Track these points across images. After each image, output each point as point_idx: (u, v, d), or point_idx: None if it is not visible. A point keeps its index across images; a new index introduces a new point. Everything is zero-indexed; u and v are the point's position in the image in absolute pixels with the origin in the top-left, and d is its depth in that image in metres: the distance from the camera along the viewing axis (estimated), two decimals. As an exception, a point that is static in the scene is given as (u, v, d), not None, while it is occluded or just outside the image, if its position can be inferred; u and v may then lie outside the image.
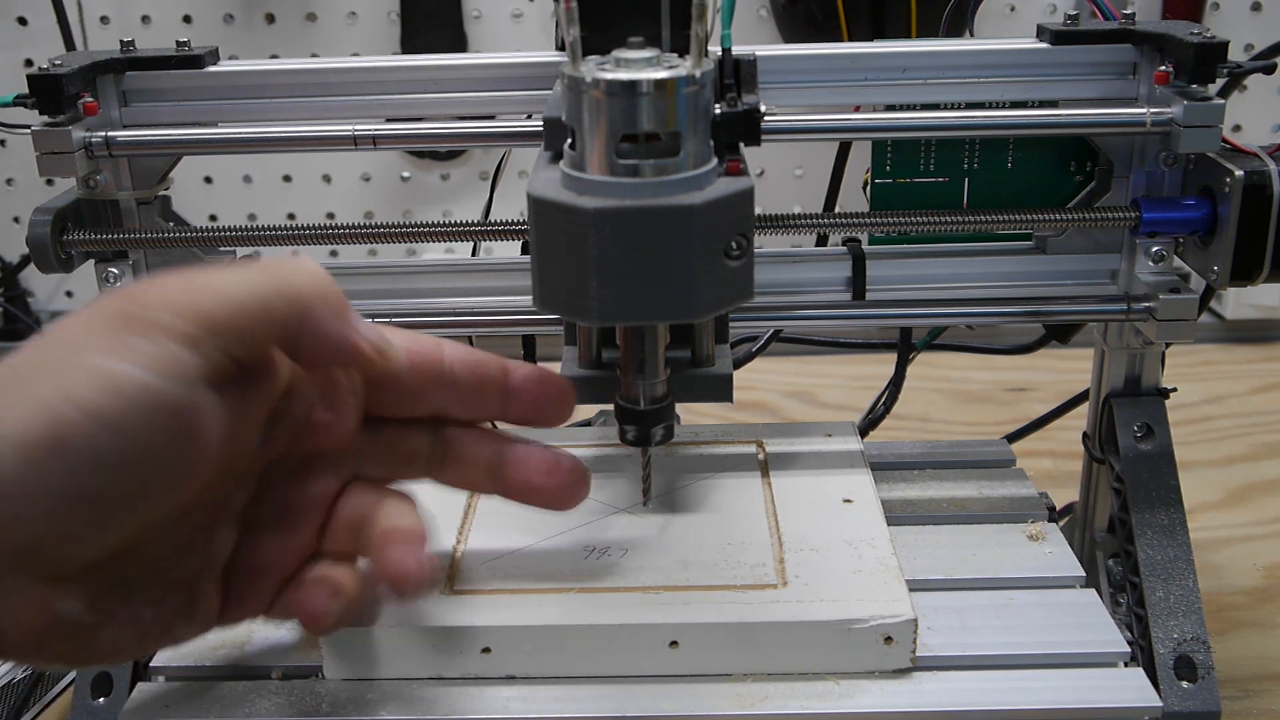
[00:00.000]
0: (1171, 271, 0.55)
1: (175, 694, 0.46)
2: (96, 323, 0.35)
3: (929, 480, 0.59)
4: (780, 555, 0.49)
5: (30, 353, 0.36)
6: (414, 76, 0.54)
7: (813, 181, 1.08)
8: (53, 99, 0.51)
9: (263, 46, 1.05)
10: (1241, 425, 0.90)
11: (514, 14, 1.05)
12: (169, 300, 0.36)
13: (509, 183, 0.94)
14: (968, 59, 0.54)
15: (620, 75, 0.39)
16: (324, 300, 0.39)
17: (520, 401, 0.45)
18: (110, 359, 0.34)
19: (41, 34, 1.03)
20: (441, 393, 0.44)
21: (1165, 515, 0.54)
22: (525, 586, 0.48)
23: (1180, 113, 0.50)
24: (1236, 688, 0.59)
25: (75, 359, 0.34)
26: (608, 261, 0.39)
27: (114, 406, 0.34)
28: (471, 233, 0.55)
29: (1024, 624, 0.49)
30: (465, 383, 0.44)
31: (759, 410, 0.95)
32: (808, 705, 0.44)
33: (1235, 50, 0.52)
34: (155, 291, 0.36)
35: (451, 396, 0.44)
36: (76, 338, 0.35)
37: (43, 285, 1.12)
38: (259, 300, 0.37)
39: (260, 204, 1.11)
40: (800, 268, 0.57)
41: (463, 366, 0.44)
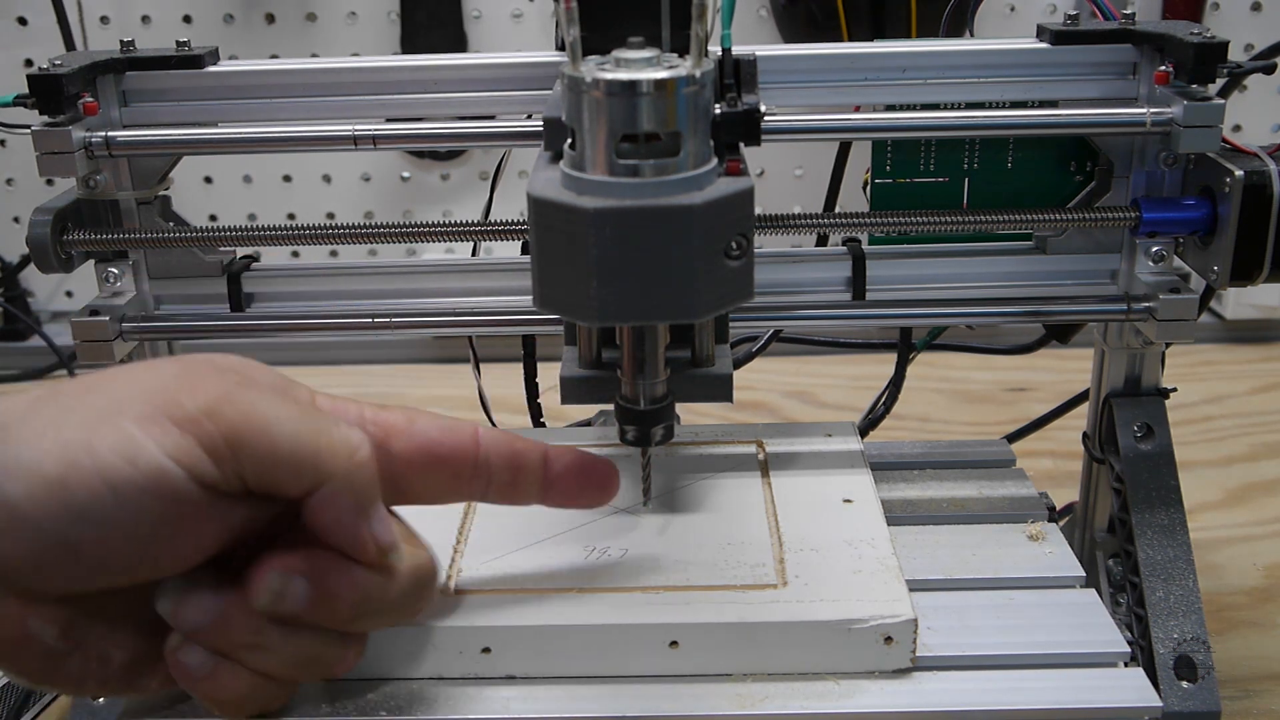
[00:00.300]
0: (1171, 271, 0.55)
1: (175, 694, 0.46)
2: (151, 390, 0.36)
3: (929, 480, 0.59)
4: (780, 555, 0.49)
5: (90, 382, 0.37)
6: (414, 76, 0.54)
7: (813, 181, 1.08)
8: (53, 99, 0.51)
9: (263, 46, 1.05)
10: (1241, 425, 0.90)
11: (514, 14, 1.05)
12: (216, 411, 0.36)
13: (509, 183, 0.94)
14: (968, 59, 0.54)
15: (620, 75, 0.39)
16: (351, 488, 0.38)
17: (559, 492, 0.45)
18: (142, 431, 0.35)
19: (41, 34, 1.03)
20: (474, 485, 0.43)
21: (1165, 515, 0.54)
22: (525, 586, 0.48)
23: (1180, 113, 0.50)
24: (1236, 688, 0.59)
25: (114, 417, 0.36)
26: (608, 261, 0.39)
27: (124, 473, 0.35)
28: (471, 233, 0.55)
29: (1024, 624, 0.49)
30: (501, 475, 0.44)
31: (759, 410, 0.95)
32: (808, 705, 0.44)
33: (1235, 50, 0.52)
34: (209, 391, 0.37)
35: (485, 489, 0.44)
36: (130, 394, 0.36)
37: (43, 285, 1.12)
38: (294, 458, 0.37)
39: (260, 204, 1.11)
40: (800, 268, 0.57)
41: (499, 459, 0.43)
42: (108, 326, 0.54)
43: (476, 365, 0.63)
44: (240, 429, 0.36)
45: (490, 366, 0.64)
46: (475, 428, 0.43)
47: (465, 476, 0.43)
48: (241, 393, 0.37)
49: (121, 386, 0.37)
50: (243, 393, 0.37)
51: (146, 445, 0.35)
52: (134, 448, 0.35)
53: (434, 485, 0.43)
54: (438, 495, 0.43)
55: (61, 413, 0.36)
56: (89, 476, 0.34)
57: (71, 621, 0.37)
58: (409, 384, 0.97)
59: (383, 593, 0.40)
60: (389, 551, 0.40)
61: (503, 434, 0.44)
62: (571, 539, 0.50)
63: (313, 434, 0.38)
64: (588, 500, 0.46)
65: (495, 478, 0.43)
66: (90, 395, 0.36)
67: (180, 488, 0.36)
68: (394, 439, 0.42)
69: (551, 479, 0.45)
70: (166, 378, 0.37)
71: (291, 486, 0.38)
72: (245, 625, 0.39)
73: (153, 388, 0.37)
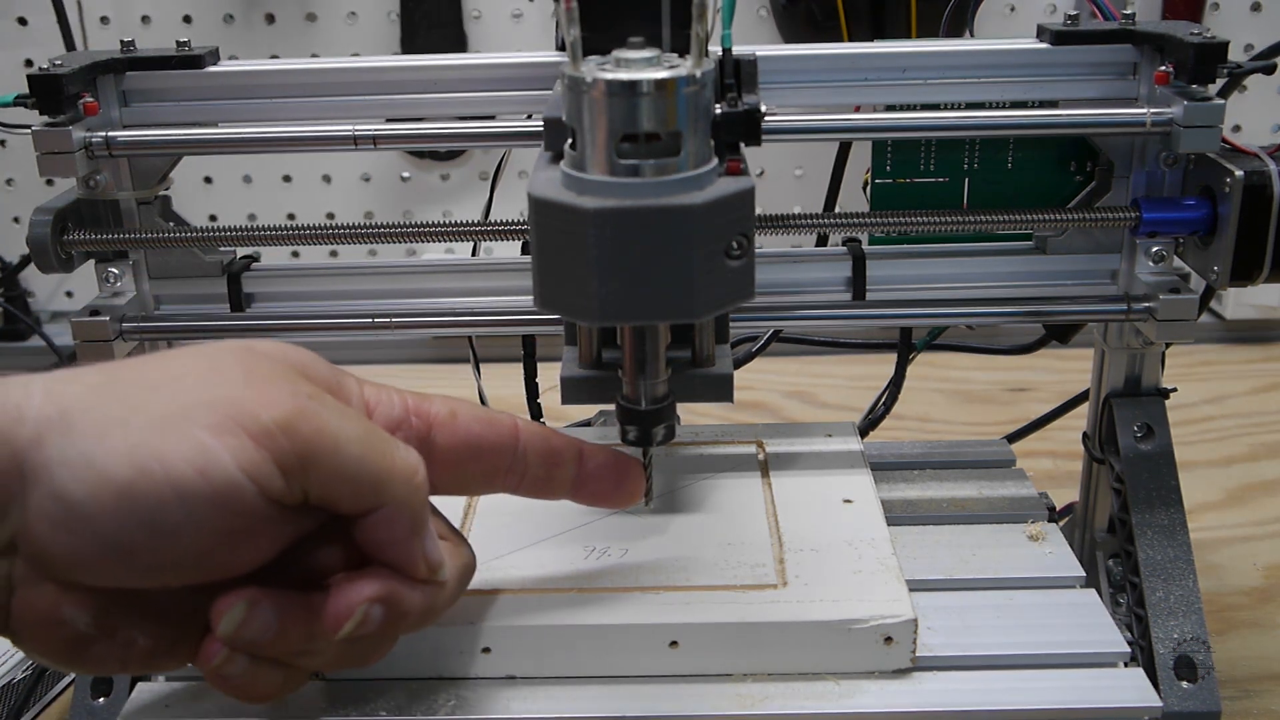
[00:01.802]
0: (1171, 271, 0.55)
1: (175, 694, 0.46)
2: (223, 398, 0.36)
3: (929, 480, 0.59)
4: (780, 555, 0.49)
5: (150, 375, 0.37)
6: (414, 76, 0.54)
7: (813, 181, 1.08)
8: (53, 99, 0.51)
9: (263, 46, 1.05)
10: (1241, 425, 0.90)
11: (514, 14, 1.05)
12: (291, 426, 0.36)
13: (509, 183, 0.94)
14: (968, 59, 0.54)
15: (620, 75, 0.39)
16: (409, 510, 0.39)
17: (590, 490, 0.46)
18: (215, 441, 0.35)
19: (41, 34, 1.03)
20: (510, 478, 0.44)
21: (1165, 515, 0.54)
22: (525, 586, 0.48)
23: (1180, 113, 0.50)
24: (1236, 688, 0.59)
25: (185, 424, 0.35)
26: (608, 261, 0.39)
27: (195, 485, 0.34)
28: (471, 233, 0.55)
29: (1024, 624, 0.49)
30: (536, 470, 0.44)
31: (759, 410, 0.95)
32: (808, 705, 0.44)
33: (1235, 50, 0.52)
34: (283, 404, 0.36)
35: (519, 482, 0.44)
36: (201, 399, 0.36)
37: (43, 285, 1.12)
38: (360, 479, 0.37)
39: (260, 204, 1.11)
40: (800, 268, 0.57)
41: (536, 455, 0.44)
42: (108, 326, 0.54)
43: (476, 365, 0.63)
44: (314, 446, 0.36)
45: (490, 366, 0.64)
46: (515, 421, 0.43)
47: (502, 470, 0.43)
48: (314, 407, 0.37)
49: (190, 388, 0.36)
50: (315, 407, 0.37)
51: (221, 457, 0.35)
52: (208, 459, 0.34)
53: (471, 477, 0.43)
54: (473, 487, 0.44)
55: (128, 410, 0.35)
56: (159, 485, 0.34)
57: (106, 610, 0.37)
58: (409, 384, 0.97)
59: (435, 604, 0.41)
60: (438, 569, 0.40)
61: (540, 429, 0.44)
62: (571, 539, 0.50)
63: (378, 456, 0.38)
64: (618, 499, 0.46)
65: (530, 473, 0.44)
66: (158, 394, 0.36)
67: (249, 501, 0.35)
68: (437, 432, 0.42)
69: (585, 476, 0.45)
70: (236, 382, 0.37)
71: (352, 505, 0.38)
72: (301, 638, 0.39)
73: (224, 395, 0.36)
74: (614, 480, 0.46)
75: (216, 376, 0.37)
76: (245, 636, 0.38)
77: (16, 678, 0.61)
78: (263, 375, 0.37)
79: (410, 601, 0.40)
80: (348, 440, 0.37)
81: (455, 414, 0.42)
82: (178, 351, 0.39)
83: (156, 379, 0.37)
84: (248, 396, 0.36)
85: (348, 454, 0.37)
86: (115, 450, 0.34)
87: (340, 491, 0.37)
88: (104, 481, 0.34)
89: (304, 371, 0.39)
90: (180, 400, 0.36)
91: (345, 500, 0.38)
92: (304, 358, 0.40)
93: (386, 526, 0.39)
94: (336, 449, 0.37)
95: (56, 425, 0.34)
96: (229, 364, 0.38)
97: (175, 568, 0.36)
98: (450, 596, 0.42)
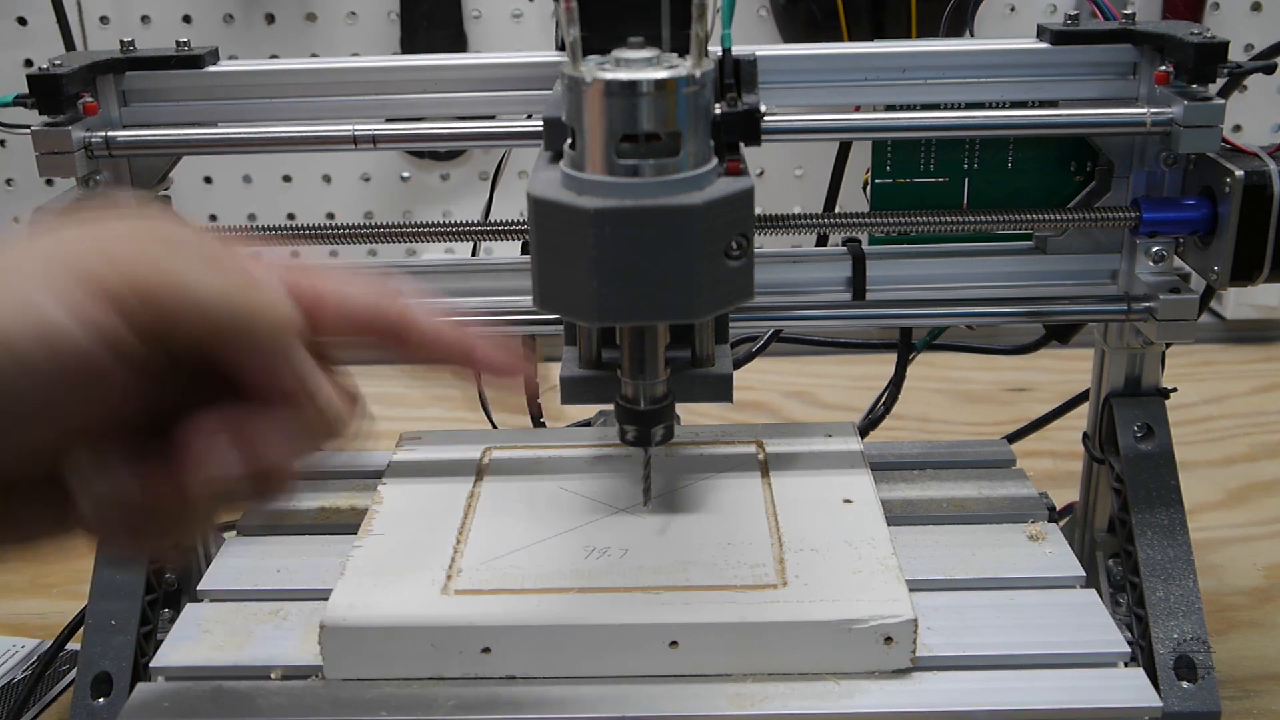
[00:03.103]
0: (1171, 271, 0.55)
1: (175, 694, 0.46)
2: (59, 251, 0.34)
3: (929, 480, 0.59)
4: (780, 555, 0.49)
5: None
6: (414, 76, 0.54)
7: (813, 181, 1.08)
8: (53, 99, 0.51)
9: (263, 46, 1.05)
10: (1241, 425, 0.90)
11: (514, 14, 1.05)
12: (138, 279, 0.34)
13: (509, 183, 0.94)
14: (968, 59, 0.54)
15: (620, 75, 0.39)
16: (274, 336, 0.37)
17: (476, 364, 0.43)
18: (55, 305, 0.33)
19: (41, 34, 1.03)
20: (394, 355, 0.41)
21: (1165, 515, 0.54)
22: (525, 586, 0.48)
23: (1180, 113, 0.50)
24: (1236, 688, 0.59)
25: (22, 285, 0.33)
26: (608, 261, 0.39)
27: (35, 352, 0.33)
28: (471, 233, 0.55)
29: (1024, 624, 0.49)
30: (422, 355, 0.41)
31: (759, 410, 0.95)
32: (808, 705, 0.44)
33: (1235, 50, 0.52)
34: (129, 256, 0.34)
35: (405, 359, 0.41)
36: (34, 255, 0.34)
37: (43, 285, 1.12)
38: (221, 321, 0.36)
39: (260, 204, 1.11)
40: (800, 268, 0.57)
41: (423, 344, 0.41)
42: (108, 326, 0.54)
43: (476, 365, 0.63)
44: (168, 298, 0.34)
45: (490, 366, 0.64)
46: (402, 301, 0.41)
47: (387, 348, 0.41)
48: (156, 254, 0.35)
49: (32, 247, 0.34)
50: (157, 254, 0.35)
51: (61, 322, 0.33)
52: (46, 327, 0.33)
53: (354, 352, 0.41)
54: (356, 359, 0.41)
55: None
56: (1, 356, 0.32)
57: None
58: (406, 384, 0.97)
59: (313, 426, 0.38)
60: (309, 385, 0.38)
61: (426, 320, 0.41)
62: (571, 539, 0.50)
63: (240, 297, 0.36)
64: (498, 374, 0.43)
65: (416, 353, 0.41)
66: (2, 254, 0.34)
67: (95, 360, 0.33)
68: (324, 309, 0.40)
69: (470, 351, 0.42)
70: (80, 242, 0.35)
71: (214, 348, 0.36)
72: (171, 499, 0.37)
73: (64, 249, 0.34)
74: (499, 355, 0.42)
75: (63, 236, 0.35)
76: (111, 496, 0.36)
77: (16, 678, 0.61)
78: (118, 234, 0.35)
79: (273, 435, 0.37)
80: (200, 283, 0.35)
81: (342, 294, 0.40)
82: None
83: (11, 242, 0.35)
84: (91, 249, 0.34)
85: (206, 299, 0.35)
86: None
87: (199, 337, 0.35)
88: None
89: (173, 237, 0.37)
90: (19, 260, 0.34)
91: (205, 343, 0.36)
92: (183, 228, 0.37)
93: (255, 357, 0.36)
94: (192, 295, 0.35)
95: None
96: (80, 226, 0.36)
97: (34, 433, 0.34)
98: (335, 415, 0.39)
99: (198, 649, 0.48)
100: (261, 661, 0.47)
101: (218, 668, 0.47)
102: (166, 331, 0.35)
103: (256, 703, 0.45)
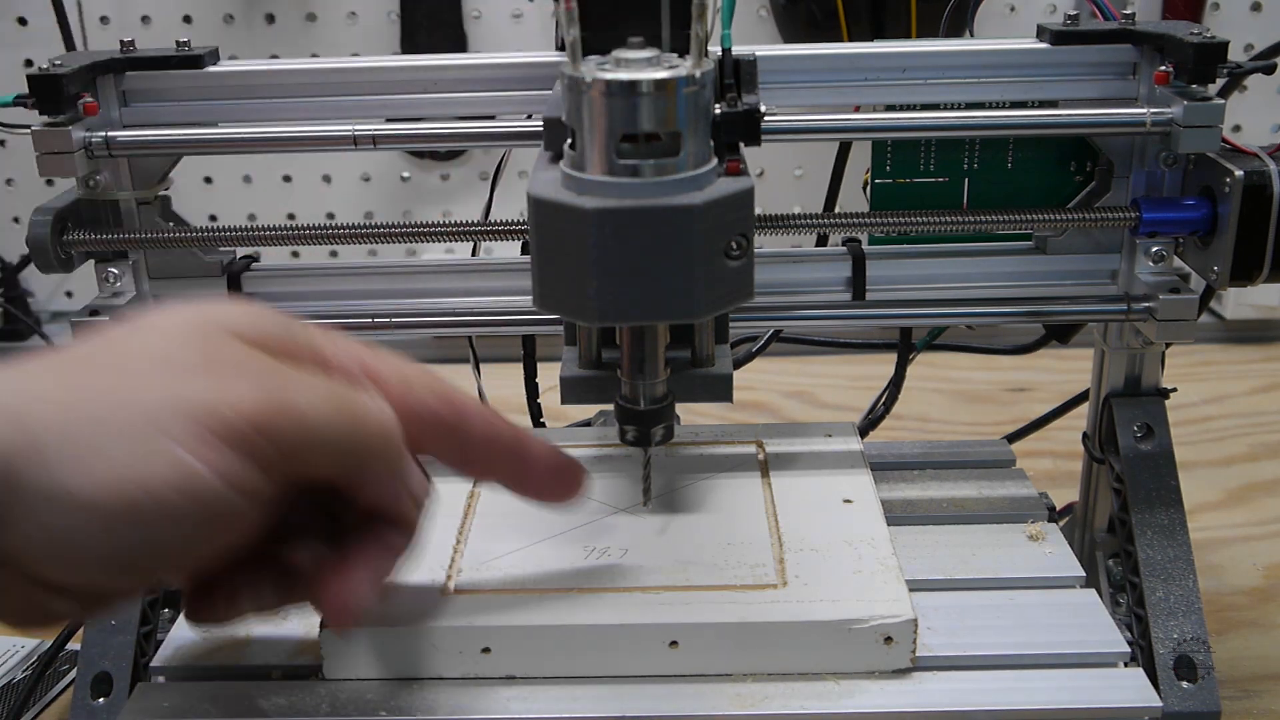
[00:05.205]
0: (1171, 271, 0.55)
1: (175, 694, 0.46)
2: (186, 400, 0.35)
3: (929, 480, 0.59)
4: (780, 555, 0.49)
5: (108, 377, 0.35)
6: (414, 76, 0.54)
7: (813, 181, 1.08)
8: (53, 99, 0.51)
9: (263, 46, 1.05)
10: (1241, 425, 0.90)
11: (514, 14, 1.05)
12: (262, 420, 0.35)
13: (509, 183, 0.94)
14: (968, 59, 0.54)
15: (620, 75, 0.39)
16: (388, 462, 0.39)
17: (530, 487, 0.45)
18: (193, 458, 0.34)
19: (41, 34, 1.03)
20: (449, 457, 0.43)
21: (1165, 515, 0.54)
22: (525, 586, 0.48)
23: (1180, 113, 0.50)
24: (1236, 688, 0.59)
25: (158, 438, 0.34)
26: (608, 261, 0.39)
27: (184, 508, 0.34)
28: (471, 233, 0.55)
29: (1024, 624, 0.49)
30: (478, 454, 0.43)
31: (759, 410, 0.95)
32: (808, 705, 0.44)
33: (1235, 50, 0.52)
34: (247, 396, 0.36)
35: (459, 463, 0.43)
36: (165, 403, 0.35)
37: (43, 285, 1.12)
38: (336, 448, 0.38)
39: (260, 204, 1.10)
40: (800, 268, 0.57)
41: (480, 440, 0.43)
42: (108, 326, 0.54)
43: (476, 365, 0.63)
44: (289, 436, 0.36)
45: (490, 366, 0.64)
46: (466, 402, 0.42)
47: (444, 450, 0.43)
48: (279, 391, 0.36)
49: (153, 393, 0.35)
50: (280, 390, 0.36)
51: (202, 475, 0.34)
52: (191, 481, 0.34)
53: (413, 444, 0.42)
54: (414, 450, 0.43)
55: (99, 431, 0.34)
56: (147, 513, 0.34)
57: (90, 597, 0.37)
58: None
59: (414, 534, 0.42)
60: (425, 498, 0.41)
61: (491, 415, 0.43)
62: (571, 539, 0.50)
63: (353, 424, 0.38)
64: (555, 495, 0.45)
65: (472, 457, 0.43)
66: (123, 404, 0.34)
67: (235, 508, 0.35)
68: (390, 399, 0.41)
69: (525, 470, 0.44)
70: (197, 374, 0.36)
71: (336, 474, 0.38)
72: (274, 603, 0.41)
73: (188, 396, 0.35)
74: (552, 477, 0.45)
75: (176, 371, 0.36)
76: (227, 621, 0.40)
77: (16, 678, 0.61)
78: (225, 361, 0.37)
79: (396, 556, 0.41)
80: (322, 418, 0.37)
81: (408, 383, 0.41)
82: (128, 336, 0.37)
83: (117, 385, 0.35)
84: (213, 395, 0.35)
85: (325, 432, 0.37)
86: (96, 480, 0.33)
87: (323, 467, 0.38)
88: (90, 514, 0.33)
89: (262, 340, 0.38)
90: (148, 409, 0.35)
91: (330, 472, 0.38)
92: (257, 320, 0.39)
93: (373, 485, 0.39)
94: (314, 431, 0.36)
95: (30, 456, 0.33)
96: (186, 352, 0.37)
97: (164, 571, 0.37)
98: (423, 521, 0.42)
99: (198, 649, 0.48)
100: (261, 661, 0.47)
101: (218, 668, 0.47)
102: (289, 464, 0.37)
103: (256, 703, 0.45)
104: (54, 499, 0.33)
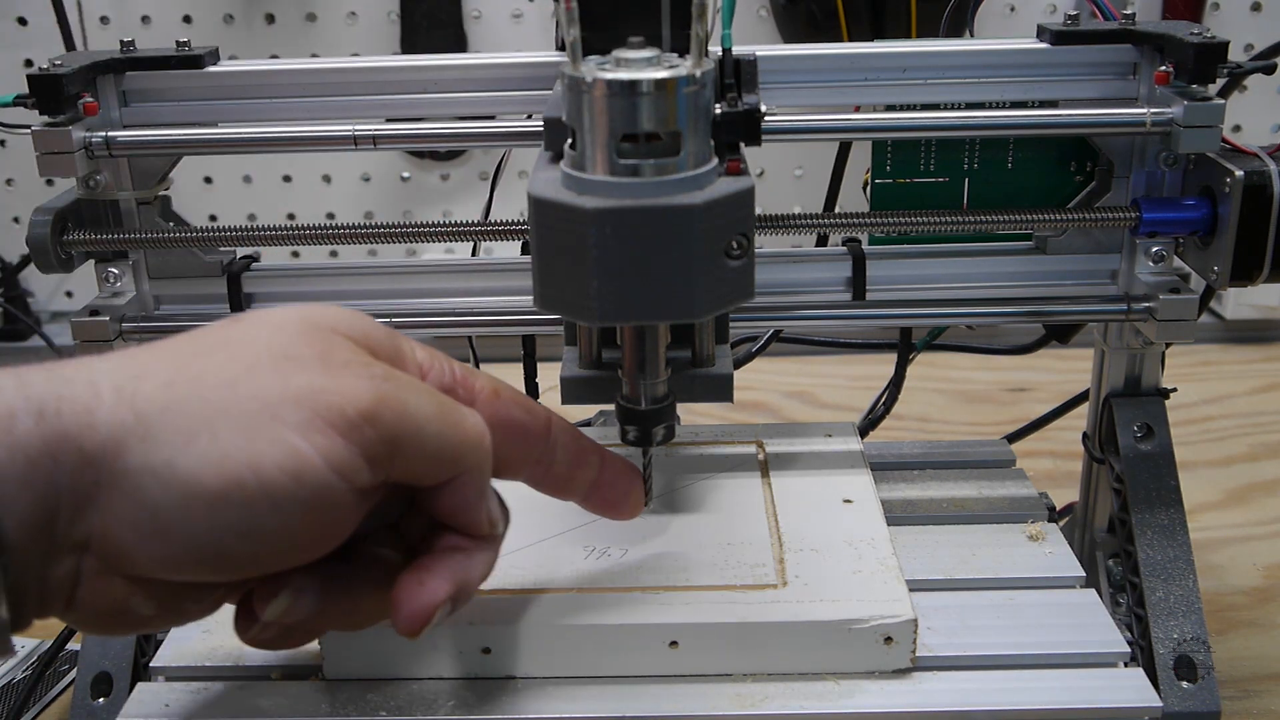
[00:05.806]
0: (1171, 271, 0.55)
1: (175, 694, 0.46)
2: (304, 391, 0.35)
3: (929, 480, 0.59)
4: (780, 555, 0.49)
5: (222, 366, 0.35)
6: (414, 76, 0.54)
7: (813, 181, 1.08)
8: (53, 99, 0.51)
9: (263, 46, 1.05)
10: (1241, 425, 0.90)
11: (514, 14, 1.05)
12: (374, 414, 0.36)
13: (509, 183, 0.94)
14: (968, 59, 0.54)
15: (620, 75, 0.39)
16: (479, 474, 0.39)
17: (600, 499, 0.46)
18: (304, 442, 0.34)
19: (41, 34, 1.03)
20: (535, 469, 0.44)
21: (1165, 515, 0.54)
22: (525, 586, 0.48)
23: (1180, 113, 0.50)
24: (1236, 688, 0.59)
25: (271, 424, 0.34)
26: (608, 261, 0.39)
27: (290, 491, 0.34)
28: (471, 233, 0.55)
29: (1024, 624, 0.49)
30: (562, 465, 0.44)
31: (759, 410, 0.95)
32: (808, 705, 0.44)
33: (1235, 50, 0.52)
34: (363, 391, 0.36)
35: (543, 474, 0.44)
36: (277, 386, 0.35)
37: (43, 285, 1.12)
38: (440, 456, 0.38)
39: (260, 204, 1.11)
40: (800, 268, 0.57)
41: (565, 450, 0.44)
42: (108, 326, 0.54)
43: (476, 365, 0.63)
44: (398, 433, 0.36)
45: (490, 366, 0.64)
46: (550, 414, 0.43)
47: (531, 460, 0.43)
48: (392, 390, 0.37)
49: (269, 381, 0.35)
50: (393, 390, 0.37)
51: (313, 460, 0.34)
52: (300, 463, 0.34)
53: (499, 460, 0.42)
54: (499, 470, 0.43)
55: (210, 412, 0.34)
56: (252, 494, 0.33)
57: (173, 596, 0.37)
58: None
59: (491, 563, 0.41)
60: (498, 525, 0.41)
61: (571, 427, 0.44)
62: (571, 539, 0.50)
63: (453, 428, 0.38)
64: (622, 510, 0.46)
65: (555, 468, 0.44)
66: (236, 391, 0.35)
67: (340, 498, 0.35)
68: (479, 408, 0.42)
69: (601, 482, 0.45)
70: (313, 369, 0.36)
71: (431, 478, 0.38)
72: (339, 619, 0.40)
73: (305, 386, 0.35)
74: (623, 490, 0.46)
75: (291, 364, 0.36)
76: (287, 621, 0.38)
77: (16, 678, 0.61)
78: (337, 358, 0.37)
79: (474, 577, 0.40)
80: (426, 419, 0.37)
81: (499, 393, 0.42)
82: (241, 329, 0.38)
83: (231, 373, 0.35)
84: (329, 386, 0.35)
85: (428, 433, 0.37)
86: (204, 459, 0.33)
87: (422, 469, 0.38)
88: (195, 492, 0.33)
89: (368, 343, 0.39)
90: (262, 396, 0.35)
91: (426, 476, 0.38)
92: (364, 325, 0.39)
93: (460, 493, 0.39)
94: (419, 430, 0.37)
95: (135, 431, 0.33)
96: (300, 347, 0.37)
97: (262, 563, 0.36)
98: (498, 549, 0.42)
99: (198, 649, 0.48)
100: (261, 661, 0.47)
101: (218, 668, 0.47)
102: (393, 462, 0.37)
103: (256, 703, 0.45)
104: (159, 476, 0.33)
